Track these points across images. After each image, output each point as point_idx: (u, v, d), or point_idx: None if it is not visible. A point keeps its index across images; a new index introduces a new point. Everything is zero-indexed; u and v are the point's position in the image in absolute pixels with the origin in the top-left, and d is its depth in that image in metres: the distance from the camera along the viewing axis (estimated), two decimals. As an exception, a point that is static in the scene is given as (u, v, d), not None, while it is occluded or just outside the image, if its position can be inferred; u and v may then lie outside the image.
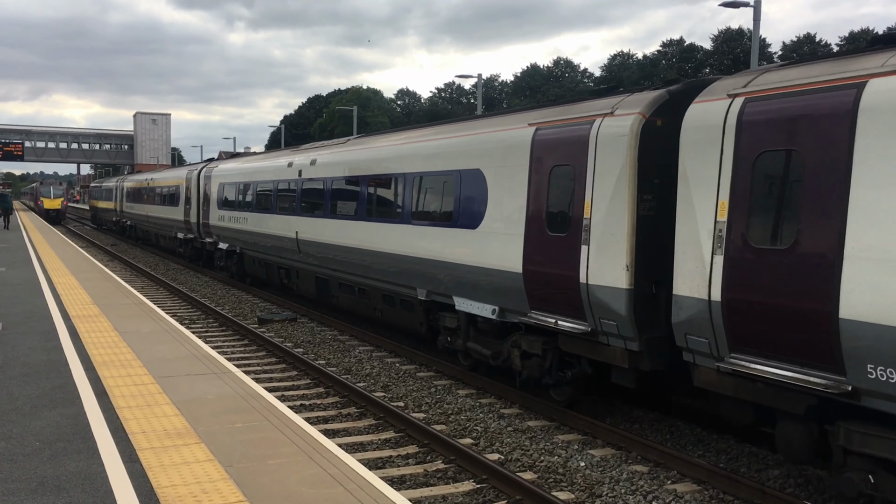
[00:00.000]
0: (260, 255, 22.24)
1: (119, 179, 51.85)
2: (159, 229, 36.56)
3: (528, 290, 10.49)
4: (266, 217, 21.08)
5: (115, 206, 50.92)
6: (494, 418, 10.88)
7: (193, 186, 28.98)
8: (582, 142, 9.62)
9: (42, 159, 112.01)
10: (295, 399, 11.76)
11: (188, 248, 31.02)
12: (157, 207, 35.92)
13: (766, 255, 7.34)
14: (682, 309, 8.22)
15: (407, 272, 13.59)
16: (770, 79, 7.68)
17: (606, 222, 9.18)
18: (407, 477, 8.59)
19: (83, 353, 10.84)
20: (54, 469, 6.39)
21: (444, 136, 13.24)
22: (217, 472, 6.39)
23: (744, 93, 7.77)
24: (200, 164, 30.22)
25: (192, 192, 29.21)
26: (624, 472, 8.83)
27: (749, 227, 7.50)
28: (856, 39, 75.93)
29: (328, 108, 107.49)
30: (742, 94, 7.78)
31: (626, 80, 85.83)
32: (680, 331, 8.33)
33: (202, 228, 27.99)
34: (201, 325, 18.14)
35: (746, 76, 8.10)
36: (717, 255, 7.78)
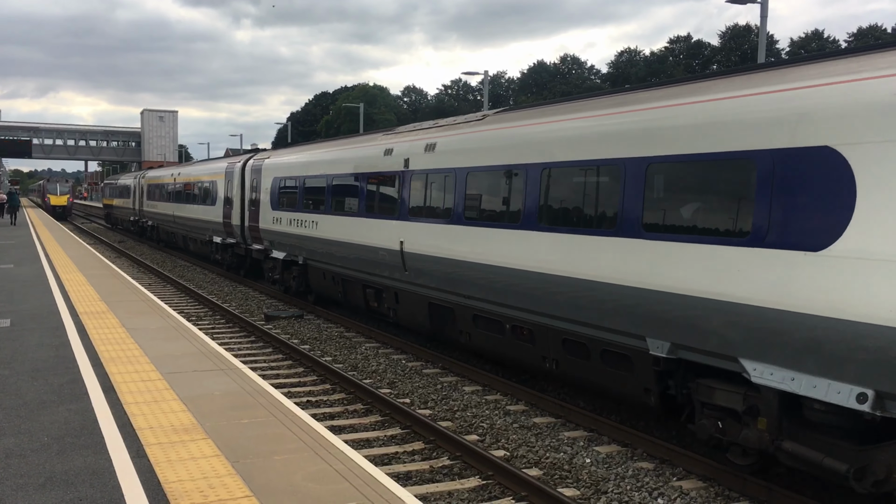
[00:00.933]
0: (335, 268, 17.54)
1: (138, 175, 46.62)
2: (189, 232, 32.25)
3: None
4: (348, 221, 16.42)
5: (134, 204, 46.12)
6: (500, 415, 10.89)
7: (236, 182, 25.09)
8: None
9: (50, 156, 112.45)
10: (301, 395, 11.79)
11: (227, 255, 26.95)
12: (187, 206, 31.80)
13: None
14: None
15: (632, 312, 8.88)
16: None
17: None
18: (413, 473, 8.61)
19: (91, 349, 10.89)
20: (63, 464, 6.43)
21: (716, 94, 8.23)
22: (224, 467, 6.42)
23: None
24: (244, 156, 26.07)
25: (233, 189, 25.35)
26: (629, 468, 8.83)
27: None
28: (864, 36, 75.50)
29: (335, 105, 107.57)
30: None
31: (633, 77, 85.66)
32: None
33: (248, 232, 23.90)
34: (208, 321, 18.20)
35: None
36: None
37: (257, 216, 22.61)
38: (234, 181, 25.40)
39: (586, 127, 9.82)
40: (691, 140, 8.15)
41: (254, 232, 23.07)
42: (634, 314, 8.86)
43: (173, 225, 35.36)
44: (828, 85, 7.04)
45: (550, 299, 10.19)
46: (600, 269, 9.23)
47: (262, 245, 22.62)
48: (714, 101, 8.12)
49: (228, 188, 25.99)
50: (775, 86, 7.55)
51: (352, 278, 16.83)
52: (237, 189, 24.94)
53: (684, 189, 8.36)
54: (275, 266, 21.84)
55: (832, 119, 6.85)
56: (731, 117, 7.77)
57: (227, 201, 26.12)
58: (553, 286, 10.07)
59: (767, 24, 24.51)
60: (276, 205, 20.98)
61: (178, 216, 33.73)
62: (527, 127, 11.11)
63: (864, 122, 6.59)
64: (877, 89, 6.57)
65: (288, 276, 20.92)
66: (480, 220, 11.85)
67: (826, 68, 7.24)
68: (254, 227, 22.97)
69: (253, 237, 23.35)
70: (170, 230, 36.59)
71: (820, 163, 6.89)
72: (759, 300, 7.32)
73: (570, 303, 9.88)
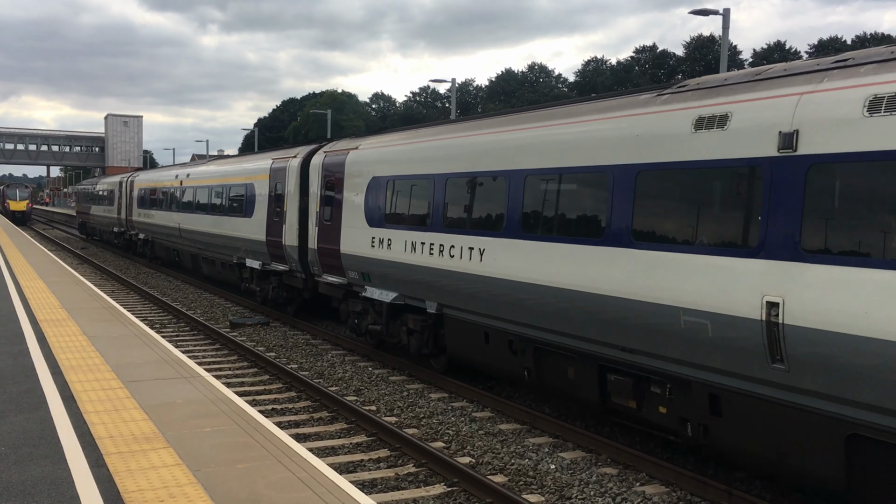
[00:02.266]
0: (524, 329, 10.66)
1: (125, 178, 38.51)
2: (204, 250, 25.28)
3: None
4: (592, 253, 9.24)
5: (119, 212, 38.61)
6: (466, 422, 10.91)
7: (291, 185, 18.12)
8: None
9: (11, 161, 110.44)
10: (266, 403, 11.70)
11: (271, 287, 19.78)
12: (204, 218, 24.58)
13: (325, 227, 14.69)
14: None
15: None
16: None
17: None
18: (378, 480, 8.59)
19: (50, 357, 10.71)
20: (20, 474, 6.31)
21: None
22: (185, 476, 6.35)
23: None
24: (302, 148, 18.78)
25: (286, 196, 18.39)
26: (594, 474, 8.90)
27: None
28: (825, 48, 77.17)
29: (302, 111, 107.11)
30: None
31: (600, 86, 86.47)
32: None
33: (316, 258, 16.62)
34: (172, 329, 17.98)
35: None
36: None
37: (336, 235, 15.48)
38: (287, 184, 18.42)
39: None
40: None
41: (328, 258, 16.01)
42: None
43: (178, 241, 28.09)
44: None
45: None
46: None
47: (342, 277, 15.55)
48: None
49: (276, 194, 19.06)
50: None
51: (569, 351, 9.84)
52: (293, 196, 18.04)
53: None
54: (368, 310, 14.72)
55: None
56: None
57: (274, 213, 19.01)
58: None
59: (730, 35, 24.92)
60: (381, 220, 13.89)
61: (188, 230, 26.31)
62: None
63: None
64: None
65: (398, 329, 13.88)
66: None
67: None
68: (328, 250, 15.92)
69: (326, 265, 16.26)
70: (172, 246, 29.50)
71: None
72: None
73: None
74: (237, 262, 21.79)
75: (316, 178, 16.89)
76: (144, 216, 33.18)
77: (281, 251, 18.55)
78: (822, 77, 7.13)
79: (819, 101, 6.91)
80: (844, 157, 6.60)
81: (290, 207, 18.13)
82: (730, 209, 7.67)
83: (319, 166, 16.76)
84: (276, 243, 18.82)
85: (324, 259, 16.28)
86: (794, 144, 6.98)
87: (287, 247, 18.13)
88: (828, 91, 6.91)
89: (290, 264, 18.33)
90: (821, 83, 7.05)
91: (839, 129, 6.65)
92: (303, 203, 17.60)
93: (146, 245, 33.76)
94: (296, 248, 17.75)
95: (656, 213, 8.50)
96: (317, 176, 16.85)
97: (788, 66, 7.90)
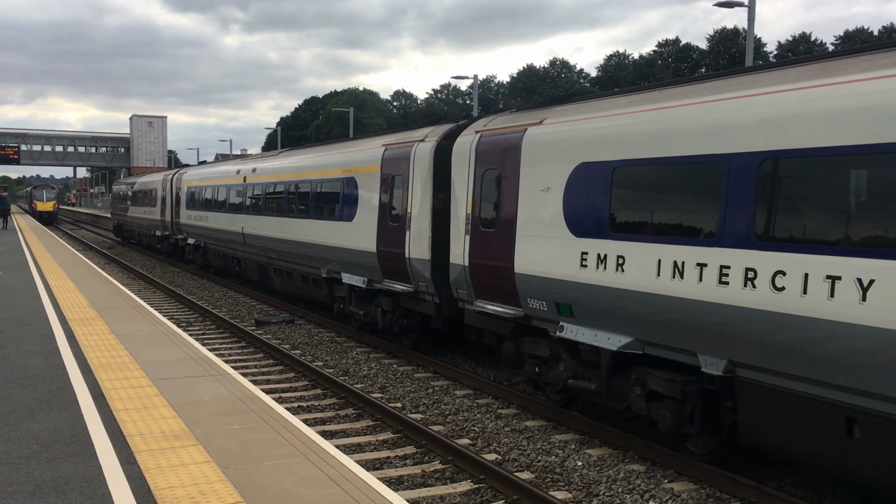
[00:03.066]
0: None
1: (168, 175, 34.48)
2: (276, 260, 20.48)
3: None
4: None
5: (163, 214, 34.25)
6: (492, 418, 10.89)
7: (420, 178, 13.52)
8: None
9: (38, 163, 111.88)
10: (292, 401, 11.77)
11: (387, 311, 14.99)
12: (279, 222, 19.77)
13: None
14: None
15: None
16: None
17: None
18: (405, 477, 8.60)
19: (80, 356, 10.83)
20: (52, 472, 6.39)
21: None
22: (215, 473, 6.40)
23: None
24: (434, 129, 13.86)
25: (413, 192, 13.65)
26: (621, 471, 8.85)
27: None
28: (850, 39, 76.08)
29: (324, 109, 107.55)
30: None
31: (623, 80, 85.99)
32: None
33: (477, 280, 11.84)
34: (198, 327, 18.13)
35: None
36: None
37: (506, 246, 11.08)
38: (411, 177, 13.72)
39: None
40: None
41: (488, 278, 11.56)
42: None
43: (241, 248, 23.56)
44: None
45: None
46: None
47: (514, 307, 11.08)
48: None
49: (391, 191, 14.37)
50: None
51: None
52: (422, 192, 13.46)
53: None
54: (561, 357, 10.52)
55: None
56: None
57: (389, 215, 14.32)
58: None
59: (754, 27, 24.64)
60: (600, 227, 9.42)
61: (255, 235, 21.72)
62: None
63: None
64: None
65: (627, 389, 9.50)
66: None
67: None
68: (489, 267, 11.51)
69: (483, 288, 11.75)
70: (232, 254, 24.98)
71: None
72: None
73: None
74: (327, 276, 17.08)
75: (465, 167, 12.12)
76: (195, 218, 28.65)
77: (401, 266, 13.83)
78: None
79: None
80: None
81: (416, 208, 13.40)
82: None
83: (471, 151, 12.03)
84: (392, 255, 14.08)
85: (480, 280, 11.72)
86: None
87: (413, 260, 13.43)
88: None
89: (415, 283, 13.66)
90: None
91: None
92: (437, 202, 13.26)
93: (197, 251, 29.45)
94: (426, 263, 13.17)
95: None
96: (466, 165, 12.08)
97: None
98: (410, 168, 13.71)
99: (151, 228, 36.89)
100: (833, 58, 7.58)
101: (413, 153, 13.73)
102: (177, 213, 31.73)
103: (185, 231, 30.69)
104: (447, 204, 12.80)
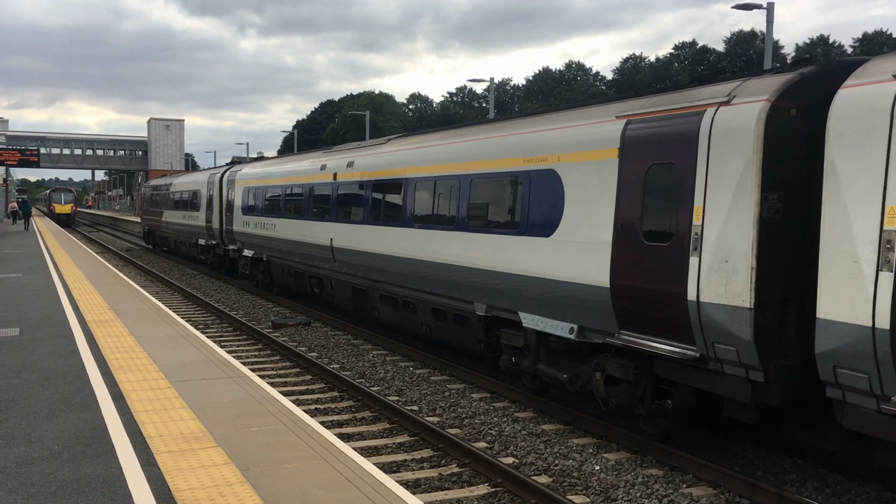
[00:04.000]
0: None
1: (216, 173, 28.97)
2: (392, 285, 15.27)
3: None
4: None
5: (207, 220, 29.12)
6: (509, 422, 10.88)
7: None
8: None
9: (57, 165, 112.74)
10: (310, 403, 11.80)
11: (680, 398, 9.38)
12: (408, 235, 14.33)
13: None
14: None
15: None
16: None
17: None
18: (422, 480, 8.61)
19: (100, 357, 10.92)
20: (73, 472, 6.44)
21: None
22: (234, 475, 6.43)
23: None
24: (785, 76, 8.02)
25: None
26: (639, 475, 8.81)
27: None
28: (869, 41, 75.56)
29: (340, 112, 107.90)
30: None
31: (639, 83, 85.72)
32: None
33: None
34: (216, 329, 18.23)
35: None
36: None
37: None
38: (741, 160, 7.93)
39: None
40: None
41: None
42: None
43: (329, 266, 18.23)
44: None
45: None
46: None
47: None
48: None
49: (690, 182, 8.55)
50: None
51: None
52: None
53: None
54: None
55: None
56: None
57: (685, 233, 8.55)
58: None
59: (773, 29, 24.51)
60: None
61: (355, 251, 16.54)
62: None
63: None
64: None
65: None
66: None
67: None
68: None
69: None
70: (312, 272, 19.69)
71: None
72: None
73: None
74: (487, 314, 12.16)
75: (879, 140, 6.71)
76: (256, 226, 23.28)
77: (671, 312, 8.60)
78: None
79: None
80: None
81: (717, 219, 8.15)
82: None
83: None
84: (650, 295, 8.89)
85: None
86: None
87: (706, 306, 8.17)
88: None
89: (704, 345, 8.33)
90: None
91: None
92: (766, 208, 7.81)
93: (255, 266, 24.04)
94: (744, 314, 7.81)
95: None
96: (884, 135, 6.68)
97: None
98: (700, 151, 8.32)
99: (193, 236, 31.93)
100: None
101: (708, 126, 8.28)
102: (229, 220, 26.36)
103: (239, 240, 25.27)
104: (789, 211, 7.83)
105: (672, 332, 8.62)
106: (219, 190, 27.74)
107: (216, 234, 28.19)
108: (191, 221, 31.90)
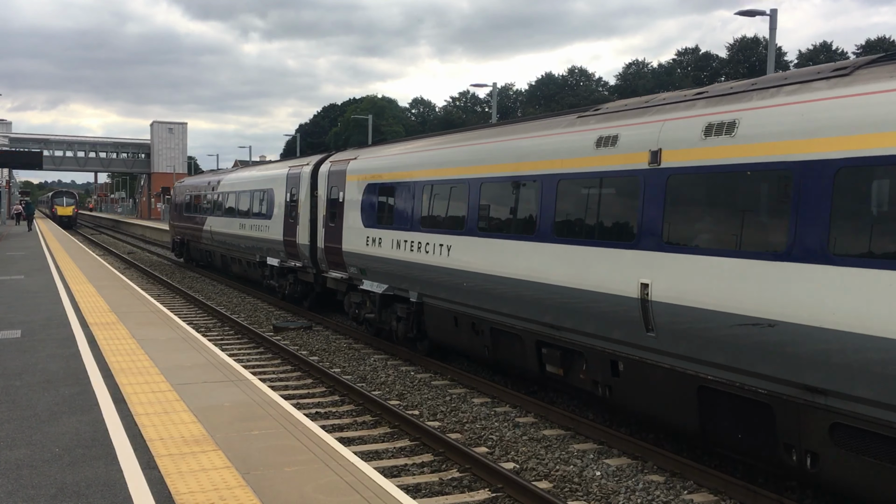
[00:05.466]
0: None
1: (302, 165, 20.96)
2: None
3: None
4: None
5: (285, 233, 21.21)
6: (510, 427, 10.86)
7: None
8: None
9: (60, 168, 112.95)
10: (310, 407, 11.79)
11: None
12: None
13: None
14: None
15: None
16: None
17: None
18: (422, 485, 8.59)
19: (101, 360, 10.92)
20: (74, 475, 6.44)
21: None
22: (234, 479, 6.42)
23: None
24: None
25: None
26: (640, 481, 8.79)
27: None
28: (872, 48, 75.54)
29: (343, 116, 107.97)
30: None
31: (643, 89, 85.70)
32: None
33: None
34: (217, 332, 18.23)
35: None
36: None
37: None
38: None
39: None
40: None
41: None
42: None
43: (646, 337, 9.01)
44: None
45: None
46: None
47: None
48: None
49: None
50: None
51: None
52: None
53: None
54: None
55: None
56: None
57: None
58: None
59: (776, 35, 24.51)
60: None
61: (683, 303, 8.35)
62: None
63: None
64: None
65: None
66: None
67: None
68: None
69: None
70: (566, 341, 10.38)
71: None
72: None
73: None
74: None
75: None
76: (402, 246, 14.65)
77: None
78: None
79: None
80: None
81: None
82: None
83: None
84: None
85: None
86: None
87: None
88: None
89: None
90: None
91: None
92: None
93: (389, 308, 15.76)
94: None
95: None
96: None
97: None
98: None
99: (257, 253, 24.10)
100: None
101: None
102: (333, 233, 17.94)
103: (352, 265, 17.07)
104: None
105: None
106: (309, 189, 19.87)
107: (303, 252, 20.17)
108: (254, 233, 24.04)
